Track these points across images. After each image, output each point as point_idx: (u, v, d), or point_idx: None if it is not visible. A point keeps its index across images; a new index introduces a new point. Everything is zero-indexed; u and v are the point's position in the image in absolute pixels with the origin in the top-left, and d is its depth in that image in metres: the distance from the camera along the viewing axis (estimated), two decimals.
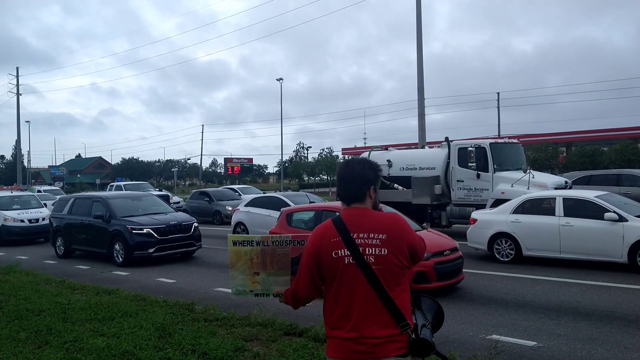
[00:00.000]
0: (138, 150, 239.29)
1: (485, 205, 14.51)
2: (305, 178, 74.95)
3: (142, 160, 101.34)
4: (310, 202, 15.15)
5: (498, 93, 54.04)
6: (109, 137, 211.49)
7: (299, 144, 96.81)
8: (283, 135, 72.68)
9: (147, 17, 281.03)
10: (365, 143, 73.84)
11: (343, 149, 68.85)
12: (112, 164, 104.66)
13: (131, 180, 52.49)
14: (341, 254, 2.50)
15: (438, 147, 17.83)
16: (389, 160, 17.90)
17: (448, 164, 16.08)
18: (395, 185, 17.39)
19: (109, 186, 36.36)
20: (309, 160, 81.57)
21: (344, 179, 2.65)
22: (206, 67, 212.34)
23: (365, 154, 19.49)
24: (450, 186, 15.95)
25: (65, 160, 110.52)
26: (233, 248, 2.93)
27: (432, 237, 8.90)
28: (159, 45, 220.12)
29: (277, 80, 56.56)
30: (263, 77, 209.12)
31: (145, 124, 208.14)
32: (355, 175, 2.61)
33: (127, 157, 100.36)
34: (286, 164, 75.86)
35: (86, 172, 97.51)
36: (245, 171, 74.81)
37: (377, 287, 2.44)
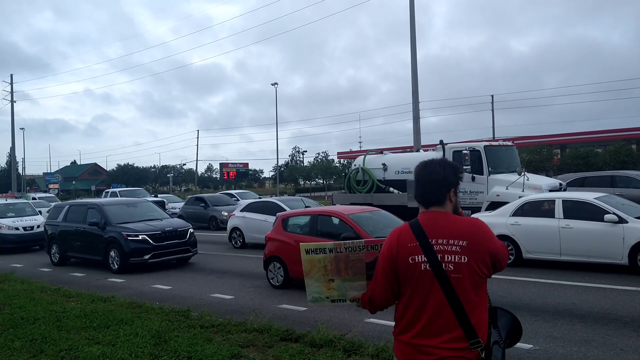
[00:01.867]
0: (133, 156, 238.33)
1: (481, 208, 14.55)
2: (301, 182, 74.96)
3: (137, 166, 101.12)
4: (306, 207, 15.15)
5: (492, 96, 54.23)
6: (104, 143, 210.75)
7: (294, 148, 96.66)
8: (279, 140, 72.65)
9: (140, 20, 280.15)
10: (360, 147, 73.85)
11: (339, 153, 69.04)
12: (108, 170, 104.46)
13: (127, 187, 52.38)
14: (418, 259, 2.39)
15: (433, 150, 17.90)
16: (384, 164, 17.93)
17: None
18: (391, 189, 17.42)
19: (104, 193, 36.27)
20: (304, 164, 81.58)
21: (422, 181, 2.52)
22: (201, 72, 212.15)
23: (360, 158, 19.52)
24: None
25: (60, 167, 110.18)
26: (306, 257, 2.88)
27: None
28: (153, 50, 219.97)
29: (272, 84, 56.65)
30: (259, 80, 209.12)
31: (140, 129, 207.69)
32: (435, 177, 2.48)
33: (122, 163, 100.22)
34: (282, 169, 75.85)
35: (81, 178, 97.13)
36: (241, 176, 74.68)
37: (451, 297, 2.33)
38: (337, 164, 67.92)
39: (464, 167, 15.26)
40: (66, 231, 14.40)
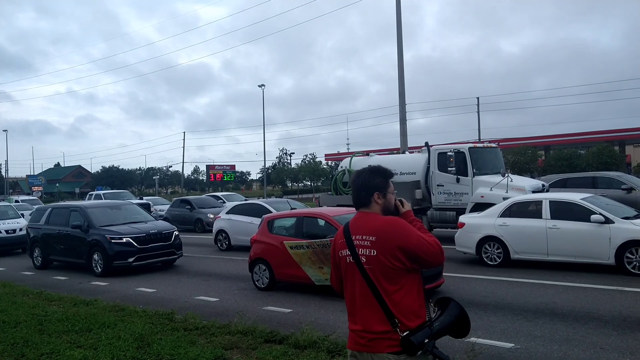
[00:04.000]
0: (118, 158, 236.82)
1: (466, 209, 14.66)
2: (289, 184, 74.89)
3: (122, 169, 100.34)
4: (292, 209, 15.14)
5: (478, 98, 54.71)
6: (88, 145, 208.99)
7: (282, 149, 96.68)
8: (266, 141, 72.62)
9: (125, 18, 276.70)
10: (348, 148, 74.05)
11: (326, 155, 69.06)
12: (92, 172, 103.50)
13: (112, 189, 51.91)
14: (344, 253, 2.77)
15: (418, 152, 17.94)
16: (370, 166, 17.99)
17: (428, 168, 16.22)
18: None
19: (88, 195, 35.93)
20: (292, 166, 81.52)
21: (352, 187, 2.89)
22: (188, 72, 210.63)
23: (347, 160, 19.55)
24: (430, 191, 16.07)
25: (44, 170, 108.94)
26: (292, 251, 3.42)
27: None
28: (138, 49, 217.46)
29: (259, 86, 56.41)
30: (247, 81, 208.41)
31: (125, 131, 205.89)
32: (360, 183, 2.83)
33: (107, 166, 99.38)
34: (269, 171, 75.71)
35: (65, 181, 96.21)
36: (227, 178, 74.41)
37: (370, 285, 2.63)
38: (324, 166, 67.95)
39: (449, 168, 15.42)
40: (49, 234, 14.24)
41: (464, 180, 15.31)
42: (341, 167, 19.62)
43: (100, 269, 12.56)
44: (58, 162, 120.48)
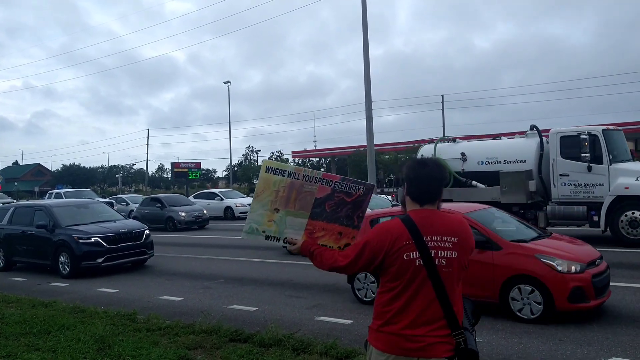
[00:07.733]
0: (80, 156, 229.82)
1: (602, 203, 12.73)
2: (255, 182, 74.50)
3: (84, 167, 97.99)
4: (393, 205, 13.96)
5: (442, 96, 55.46)
6: (48, 143, 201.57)
7: (248, 147, 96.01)
8: (234, 138, 71.87)
9: (85, 8, 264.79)
10: (315, 146, 74.00)
11: (293, 152, 68.98)
12: (52, 170, 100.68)
13: (73, 188, 50.62)
14: (412, 256, 2.49)
15: (521, 137, 15.44)
16: (463, 154, 15.45)
17: (541, 155, 14.03)
18: (474, 183, 15.00)
19: (47, 194, 34.99)
20: (258, 163, 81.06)
21: (424, 180, 2.60)
22: (152, 66, 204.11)
23: (428, 147, 17.13)
24: (547, 182, 13.87)
25: (1, 168, 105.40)
26: (264, 174, 2.89)
27: (570, 246, 7.49)
28: (99, 41, 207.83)
29: (225, 83, 55.90)
30: (213, 76, 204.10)
31: (86, 127, 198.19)
32: (436, 176, 2.60)
33: (67, 164, 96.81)
34: (235, 168, 75.11)
35: (24, 179, 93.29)
36: (189, 175, 73.33)
37: (439, 291, 2.47)
38: (292, 163, 67.75)
39: (583, 155, 13.02)
40: (12, 235, 13.64)
41: (598, 169, 12.93)
42: (421, 154, 16.98)
43: (67, 271, 12.15)
44: (16, 160, 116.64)
